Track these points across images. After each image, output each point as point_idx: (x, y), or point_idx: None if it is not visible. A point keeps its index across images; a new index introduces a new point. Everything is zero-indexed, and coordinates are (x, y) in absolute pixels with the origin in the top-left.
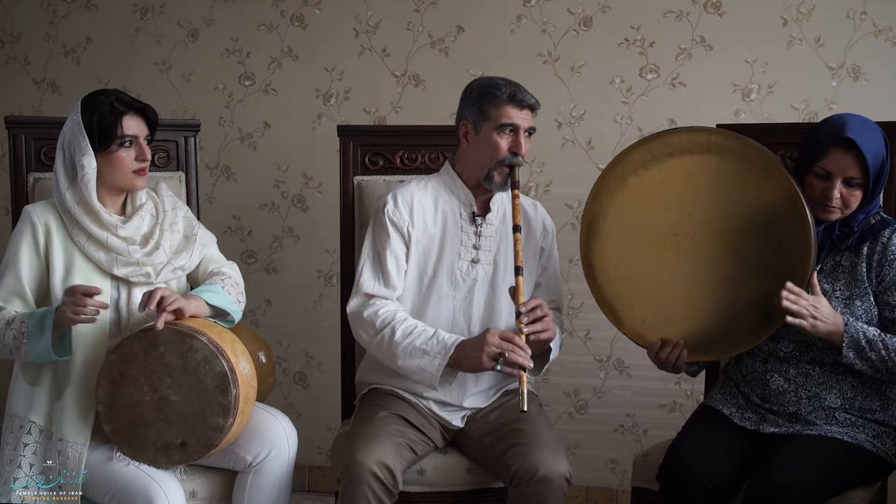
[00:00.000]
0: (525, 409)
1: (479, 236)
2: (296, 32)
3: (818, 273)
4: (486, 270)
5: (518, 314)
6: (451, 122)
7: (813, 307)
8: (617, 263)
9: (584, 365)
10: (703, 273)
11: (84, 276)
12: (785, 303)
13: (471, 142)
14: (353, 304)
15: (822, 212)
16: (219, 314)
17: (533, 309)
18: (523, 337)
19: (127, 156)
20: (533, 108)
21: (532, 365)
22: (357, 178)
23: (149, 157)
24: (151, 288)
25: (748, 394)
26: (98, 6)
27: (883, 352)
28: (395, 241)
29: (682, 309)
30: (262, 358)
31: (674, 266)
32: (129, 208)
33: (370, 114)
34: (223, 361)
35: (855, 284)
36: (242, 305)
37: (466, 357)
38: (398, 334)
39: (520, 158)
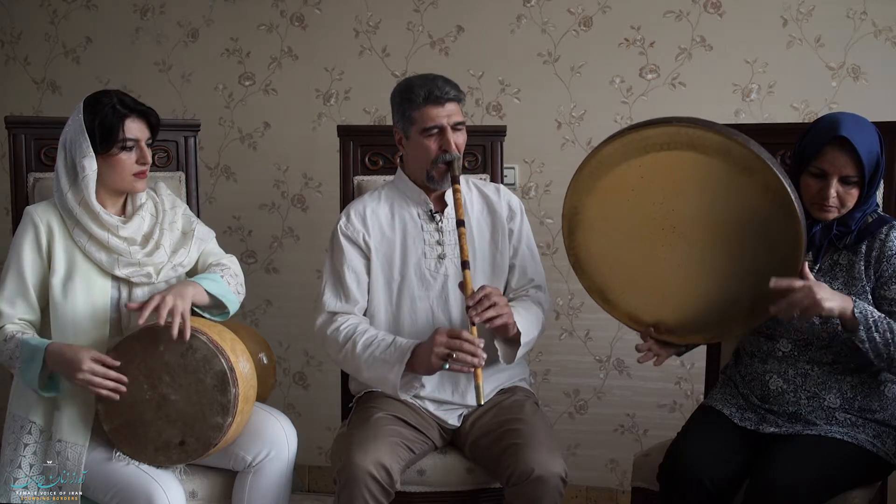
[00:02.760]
0: (482, 402)
1: (441, 232)
2: (296, 32)
3: (816, 273)
4: (456, 263)
5: (467, 308)
6: None
7: (811, 291)
8: (602, 254)
9: (584, 365)
10: (693, 266)
11: (85, 276)
12: (775, 310)
13: (405, 147)
14: (317, 323)
15: (820, 211)
16: (216, 304)
17: (480, 299)
18: (475, 331)
19: (128, 159)
20: (455, 99)
21: (485, 358)
22: (357, 178)
23: (149, 160)
24: (152, 288)
25: (747, 394)
26: (98, 6)
27: (888, 334)
28: (352, 256)
29: (673, 298)
30: (264, 359)
31: (663, 258)
32: (129, 209)
33: (370, 114)
34: (223, 361)
35: (853, 283)
36: (241, 297)
37: (420, 361)
38: (359, 347)
39: (454, 153)
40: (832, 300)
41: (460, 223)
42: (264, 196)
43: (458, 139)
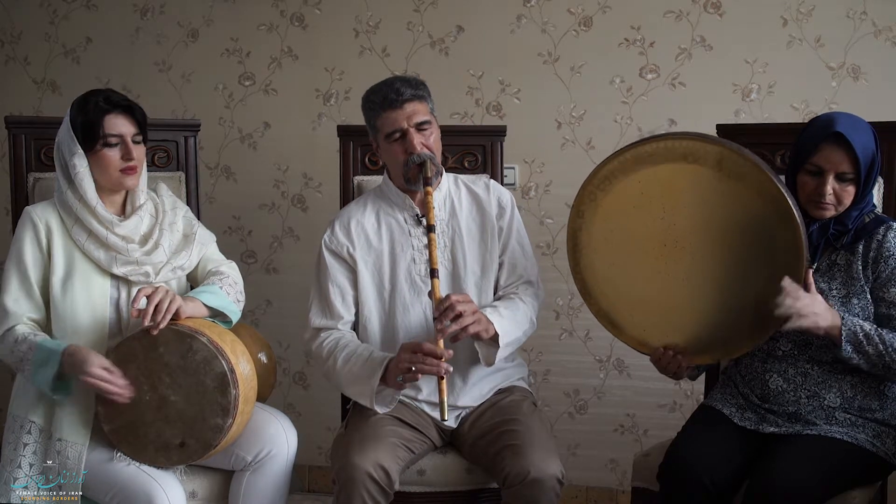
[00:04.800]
0: (445, 418)
1: None
2: (296, 32)
3: (814, 272)
4: (447, 267)
5: (434, 319)
6: (451, 122)
7: (805, 306)
8: (608, 277)
9: (584, 365)
10: (697, 279)
11: (84, 275)
12: (781, 310)
13: (380, 154)
14: (305, 339)
15: (816, 209)
16: (217, 314)
17: (445, 310)
18: (440, 342)
19: (113, 155)
20: (415, 97)
21: (450, 370)
22: (357, 178)
23: (135, 156)
24: (148, 286)
25: (747, 394)
26: (98, 6)
27: (880, 346)
28: (335, 271)
29: (680, 315)
30: (264, 358)
31: (667, 275)
32: (128, 208)
33: None
34: (223, 362)
35: (851, 283)
36: (241, 304)
37: (392, 375)
38: (339, 363)
39: (422, 154)
40: (825, 319)
41: (430, 228)
42: (264, 196)
43: (426, 139)
